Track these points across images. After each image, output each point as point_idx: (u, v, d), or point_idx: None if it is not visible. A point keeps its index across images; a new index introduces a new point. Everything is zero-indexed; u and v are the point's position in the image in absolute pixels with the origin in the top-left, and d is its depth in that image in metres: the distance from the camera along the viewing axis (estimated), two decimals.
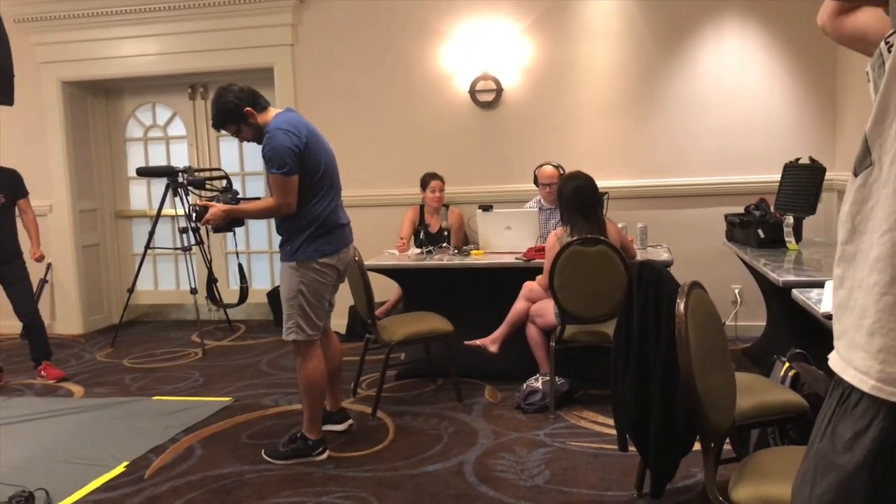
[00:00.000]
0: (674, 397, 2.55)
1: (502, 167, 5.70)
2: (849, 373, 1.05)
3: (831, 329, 2.58)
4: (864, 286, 1.04)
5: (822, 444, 1.09)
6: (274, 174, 3.22)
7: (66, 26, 6.21)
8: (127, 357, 5.52)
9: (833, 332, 1.14)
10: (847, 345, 1.07)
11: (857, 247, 1.07)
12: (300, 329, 3.36)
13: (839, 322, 1.11)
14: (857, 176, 1.08)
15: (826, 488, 1.07)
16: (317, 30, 5.92)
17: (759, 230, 4.32)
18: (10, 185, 4.87)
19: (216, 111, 3.33)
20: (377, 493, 3.08)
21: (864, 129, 1.06)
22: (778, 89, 5.32)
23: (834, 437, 1.07)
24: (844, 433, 1.05)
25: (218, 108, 3.32)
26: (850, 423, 1.05)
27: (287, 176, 3.22)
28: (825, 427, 1.10)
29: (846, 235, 1.10)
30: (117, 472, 3.39)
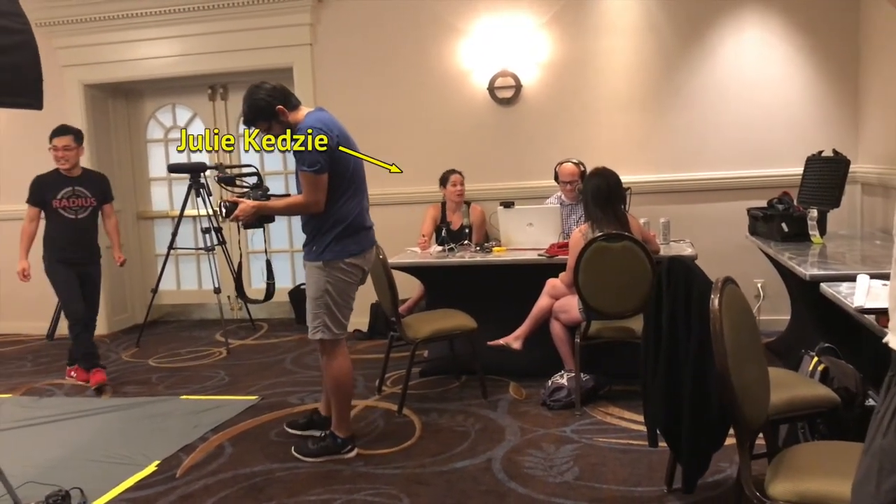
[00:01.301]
0: (706, 392, 2.55)
1: (522, 164, 5.71)
2: None
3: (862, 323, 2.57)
4: None
5: (885, 441, 1.08)
6: (305, 172, 3.24)
7: (88, 29, 6.27)
8: (152, 357, 5.57)
9: (892, 315, 1.15)
10: None
11: None
12: (327, 328, 3.39)
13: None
14: None
15: (894, 484, 1.06)
16: (335, 29, 5.95)
17: (783, 224, 4.30)
18: (100, 189, 4.91)
19: (248, 108, 3.32)
20: (407, 489, 3.10)
21: None
22: (799, 81, 5.29)
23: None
24: None
25: (249, 105, 3.31)
26: None
27: (318, 174, 3.23)
28: (888, 423, 1.08)
29: None
30: (149, 471, 3.43)
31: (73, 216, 4.80)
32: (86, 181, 4.87)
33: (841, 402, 2.61)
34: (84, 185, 4.84)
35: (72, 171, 4.81)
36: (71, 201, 4.79)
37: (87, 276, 4.88)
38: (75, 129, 4.87)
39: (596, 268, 3.78)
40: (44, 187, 4.82)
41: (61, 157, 4.74)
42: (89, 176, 4.93)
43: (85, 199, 4.83)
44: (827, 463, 2.07)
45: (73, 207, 4.79)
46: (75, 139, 4.76)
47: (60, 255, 4.79)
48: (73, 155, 4.77)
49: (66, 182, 4.80)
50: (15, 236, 6.58)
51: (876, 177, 4.90)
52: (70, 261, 4.80)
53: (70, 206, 4.79)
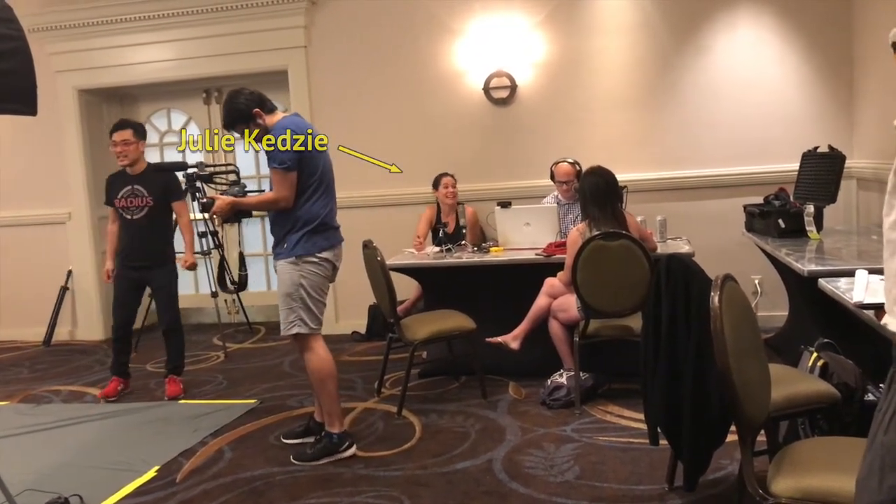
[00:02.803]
0: (706, 390, 2.55)
1: (518, 163, 5.71)
2: None
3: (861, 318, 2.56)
4: None
5: (888, 437, 1.08)
6: (275, 168, 3.37)
7: (81, 35, 6.25)
8: (150, 362, 5.56)
9: (889, 299, 1.14)
10: None
11: None
12: (303, 323, 3.42)
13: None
14: None
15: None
16: (329, 31, 5.94)
17: (780, 220, 4.30)
18: (160, 188, 4.61)
19: (227, 112, 3.49)
20: (409, 491, 3.10)
21: None
22: (794, 77, 5.30)
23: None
24: None
25: (228, 110, 3.48)
26: None
27: (287, 171, 3.36)
28: (889, 419, 1.08)
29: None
30: (149, 477, 3.42)
31: (130, 217, 4.60)
32: (145, 179, 4.61)
33: (840, 398, 2.61)
34: (143, 184, 4.59)
35: (134, 168, 4.60)
36: (129, 201, 4.59)
37: (150, 281, 4.67)
38: (135, 122, 4.72)
39: (594, 266, 3.78)
40: (110, 186, 4.70)
41: (120, 153, 4.54)
42: (152, 174, 4.66)
43: (141, 198, 4.58)
44: (828, 459, 2.07)
45: (130, 208, 4.59)
46: (135, 133, 4.56)
47: (122, 258, 4.67)
48: (133, 150, 4.53)
49: (127, 180, 4.62)
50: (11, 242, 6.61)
51: (871, 172, 4.91)
52: (129, 265, 4.63)
53: (128, 206, 4.59)
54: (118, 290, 4.70)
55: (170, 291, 4.70)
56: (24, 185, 6.53)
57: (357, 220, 5.67)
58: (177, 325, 4.75)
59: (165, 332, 4.75)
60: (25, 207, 6.54)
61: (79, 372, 5.52)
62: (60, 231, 6.54)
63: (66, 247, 6.51)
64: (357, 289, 5.52)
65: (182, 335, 4.81)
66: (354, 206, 5.77)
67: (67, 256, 6.50)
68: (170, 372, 4.76)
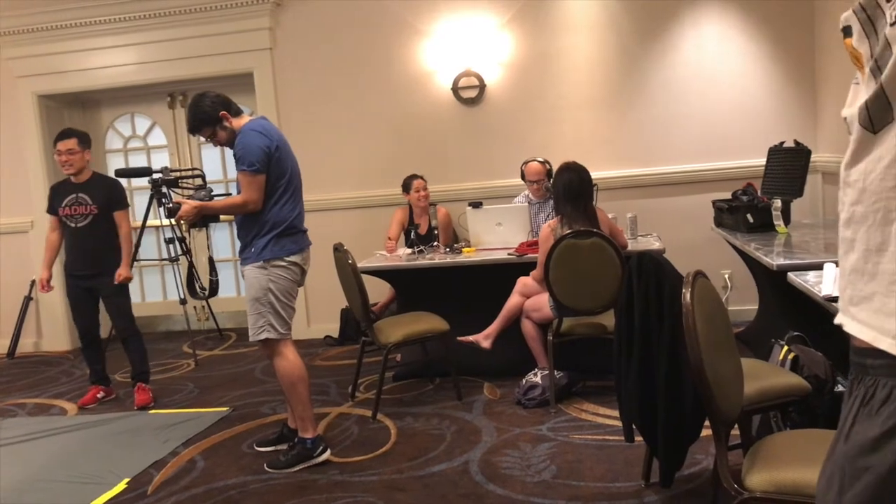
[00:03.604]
0: (680, 386, 2.56)
1: (488, 163, 5.70)
2: (884, 342, 1.00)
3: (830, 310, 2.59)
4: (893, 250, 0.99)
5: (846, 447, 1.05)
6: (243, 171, 3.32)
7: (40, 39, 6.12)
8: (118, 371, 5.44)
9: (844, 298, 1.09)
10: (875, 311, 1.02)
11: (869, 207, 1.03)
12: (272, 328, 3.39)
13: (854, 287, 1.06)
14: (877, 133, 1.01)
15: (858, 493, 1.02)
16: (295, 33, 5.88)
17: (748, 215, 4.34)
18: (104, 196, 4.56)
19: (192, 116, 3.44)
20: (386, 496, 3.07)
21: (880, 82, 0.99)
22: (759, 74, 5.36)
23: (861, 438, 1.03)
24: (871, 432, 1.01)
25: (194, 113, 3.43)
26: (878, 423, 1.00)
27: (255, 174, 3.31)
28: (849, 428, 1.05)
29: (857, 195, 1.05)
30: (119, 489, 3.35)
31: (74, 225, 4.54)
32: (90, 187, 4.55)
33: (812, 390, 2.63)
34: (87, 192, 4.53)
35: (79, 177, 4.55)
36: (73, 209, 4.53)
37: (97, 290, 4.60)
38: (80, 131, 4.65)
39: (566, 264, 3.79)
40: (54, 195, 4.64)
41: (65, 162, 4.48)
42: (96, 182, 4.60)
43: (86, 206, 4.52)
44: (801, 452, 2.08)
45: (74, 216, 4.53)
46: (79, 142, 4.50)
47: (67, 267, 4.62)
48: (78, 159, 4.48)
49: (71, 189, 4.56)
50: None
51: (836, 165, 4.97)
52: (75, 273, 4.57)
53: (72, 214, 4.53)
54: (71, 299, 4.67)
55: (118, 299, 4.63)
56: None
57: (327, 222, 5.64)
58: (132, 331, 4.68)
59: (123, 341, 4.71)
60: None
61: (44, 384, 5.40)
62: (23, 240, 6.40)
63: (28, 256, 6.36)
64: (328, 292, 5.48)
65: (141, 341, 4.74)
66: (324, 208, 5.73)
67: (31, 266, 6.36)
68: (136, 380, 4.69)
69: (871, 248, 1.03)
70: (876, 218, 1.02)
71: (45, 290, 4.71)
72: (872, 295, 1.03)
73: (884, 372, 1.02)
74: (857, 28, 1.04)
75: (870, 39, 1.02)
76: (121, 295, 4.64)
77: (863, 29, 1.03)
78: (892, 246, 1.00)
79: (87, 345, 4.71)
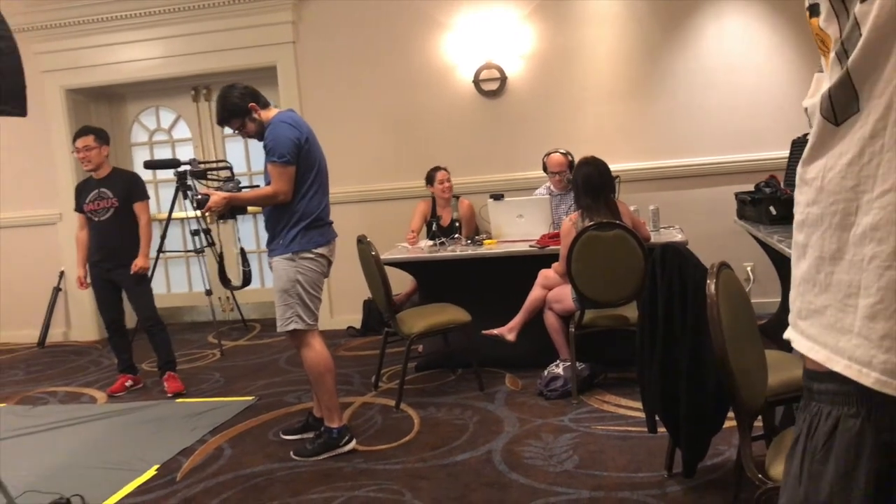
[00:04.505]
0: (703, 377, 2.58)
1: (510, 155, 5.72)
2: (839, 363, 0.88)
3: None
4: (850, 259, 0.87)
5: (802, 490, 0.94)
6: (274, 163, 3.35)
7: (68, 34, 6.22)
8: (145, 361, 5.54)
9: (793, 310, 0.97)
10: (826, 327, 0.90)
11: (826, 209, 0.90)
12: (300, 319, 3.42)
13: (804, 298, 0.94)
14: (840, 125, 0.89)
15: None
16: (317, 26, 5.92)
17: (771, 207, 4.33)
18: (124, 189, 4.66)
19: (221, 108, 3.47)
20: (409, 484, 3.12)
21: (846, 67, 0.87)
22: (782, 64, 5.33)
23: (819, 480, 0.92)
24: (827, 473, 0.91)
25: (223, 104, 3.46)
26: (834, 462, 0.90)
27: (286, 165, 3.34)
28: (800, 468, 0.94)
29: (813, 195, 0.92)
30: (149, 476, 3.42)
31: (97, 219, 4.65)
32: (111, 181, 4.66)
33: None
34: (108, 186, 4.64)
35: (99, 173, 4.65)
36: (96, 204, 4.63)
37: (120, 281, 4.68)
38: (97, 128, 4.75)
39: (588, 257, 3.80)
40: (78, 193, 4.75)
41: (83, 158, 4.59)
42: (116, 176, 4.71)
43: (107, 200, 4.63)
44: None
45: (97, 210, 4.64)
46: (97, 139, 4.60)
47: (91, 260, 4.71)
48: (96, 155, 4.58)
49: (94, 185, 4.67)
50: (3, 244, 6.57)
51: None
52: (99, 265, 4.67)
53: (96, 209, 4.64)
54: (96, 290, 4.77)
55: (140, 289, 4.72)
56: (15, 187, 6.50)
57: (351, 214, 5.69)
58: (155, 321, 4.76)
59: (147, 331, 4.79)
60: (16, 209, 6.52)
61: (74, 373, 5.51)
62: (52, 232, 6.52)
63: (57, 248, 6.48)
64: (352, 284, 5.53)
65: (164, 330, 4.82)
66: (348, 201, 5.78)
67: (59, 257, 6.48)
68: (163, 369, 4.78)
69: (825, 256, 0.91)
70: (832, 221, 0.89)
71: (83, 287, 4.80)
72: (824, 308, 0.91)
73: (827, 399, 0.91)
74: (825, 6, 0.90)
75: (839, 19, 0.89)
76: (142, 286, 4.72)
77: (832, 7, 0.89)
78: (849, 255, 0.88)
79: (114, 334, 4.82)
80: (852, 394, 0.88)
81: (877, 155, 0.85)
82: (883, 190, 0.84)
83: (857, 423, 0.88)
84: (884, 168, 0.84)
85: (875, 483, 0.88)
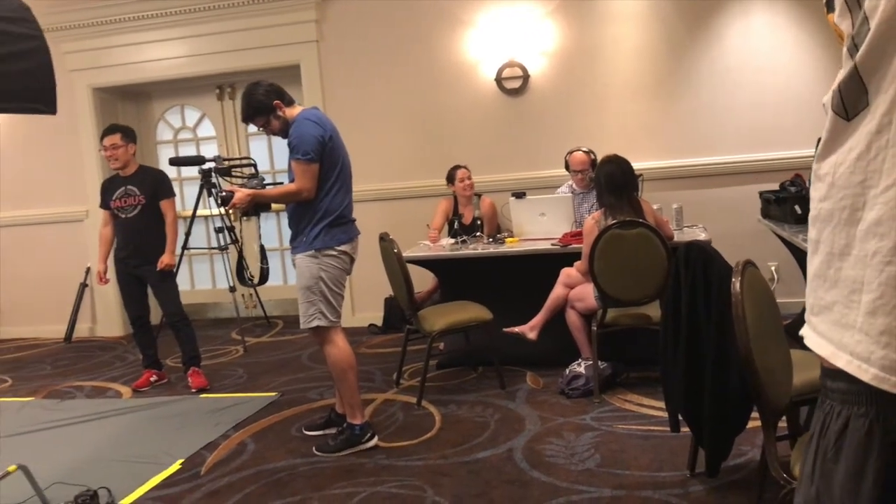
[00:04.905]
0: (727, 376, 2.56)
1: (532, 154, 5.71)
2: (841, 358, 0.89)
3: None
4: (856, 254, 0.87)
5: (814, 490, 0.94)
6: (298, 160, 3.37)
7: (95, 33, 6.30)
8: (169, 357, 5.59)
9: (807, 307, 0.97)
10: (834, 323, 0.91)
11: (836, 204, 0.91)
12: (323, 315, 3.44)
13: (816, 294, 0.94)
14: (851, 120, 0.89)
15: None
16: (341, 25, 5.95)
17: (796, 206, 4.29)
18: (151, 187, 4.71)
19: (246, 105, 3.48)
20: (431, 480, 3.13)
21: (855, 61, 0.87)
22: (810, 62, 5.27)
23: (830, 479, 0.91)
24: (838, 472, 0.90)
25: (248, 101, 3.47)
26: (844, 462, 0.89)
27: (310, 163, 3.36)
28: (812, 467, 0.94)
29: (825, 191, 0.92)
30: (174, 470, 3.46)
31: (124, 216, 4.70)
32: (137, 179, 4.71)
33: None
34: (135, 184, 4.69)
35: (126, 170, 4.70)
36: (123, 201, 4.68)
37: (146, 278, 4.74)
38: (124, 126, 4.80)
39: (611, 255, 3.79)
40: (105, 190, 4.81)
41: (110, 156, 4.65)
42: (143, 173, 4.77)
43: (134, 197, 4.68)
44: None
45: (124, 207, 4.69)
46: (123, 137, 4.65)
47: (117, 257, 4.77)
48: (122, 153, 4.63)
49: (121, 182, 4.73)
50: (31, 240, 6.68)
51: None
52: (125, 261, 4.73)
53: (123, 205, 4.69)
54: (122, 286, 4.84)
55: (165, 285, 4.76)
56: (43, 184, 6.61)
57: (373, 213, 5.71)
58: (180, 317, 4.81)
59: (172, 327, 4.83)
60: (44, 206, 6.62)
61: (100, 368, 5.58)
62: (78, 229, 6.61)
63: (84, 244, 6.57)
64: (373, 281, 5.56)
65: (190, 326, 4.86)
66: (370, 199, 5.80)
67: (86, 254, 6.56)
68: (188, 365, 4.83)
69: (835, 252, 0.91)
70: (841, 217, 0.90)
71: (103, 282, 4.88)
72: (832, 304, 0.91)
73: (839, 398, 0.91)
74: (839, 1, 0.91)
75: (852, 14, 0.89)
76: (167, 282, 4.77)
77: (845, 2, 0.90)
78: (856, 249, 0.87)
79: (138, 330, 4.88)
80: (862, 393, 0.87)
81: (882, 150, 0.84)
82: (886, 185, 0.84)
83: (865, 423, 0.88)
84: (889, 163, 0.83)
85: (883, 484, 0.87)
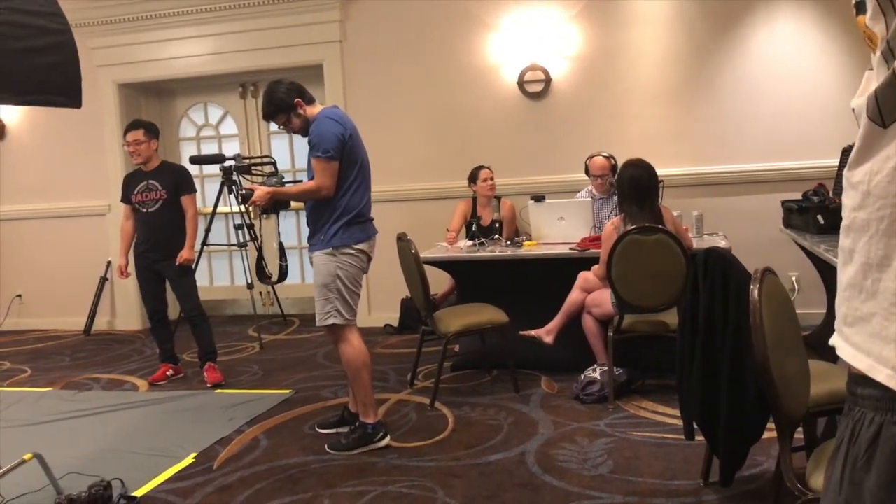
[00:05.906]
0: (744, 385, 2.53)
1: (552, 158, 5.69)
2: (881, 372, 0.86)
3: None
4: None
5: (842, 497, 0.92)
6: (318, 157, 3.38)
7: (121, 30, 6.37)
8: (186, 352, 5.64)
9: (839, 316, 0.94)
10: (872, 335, 0.88)
11: (872, 214, 0.88)
12: (339, 313, 3.45)
13: (850, 304, 0.92)
14: (888, 127, 0.86)
15: None
16: (364, 26, 5.97)
17: (819, 216, 4.24)
18: (172, 182, 4.75)
19: (267, 103, 3.51)
20: (442, 482, 3.12)
21: (893, 67, 0.84)
22: (834, 71, 5.21)
23: (860, 488, 0.89)
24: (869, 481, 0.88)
25: (269, 99, 3.50)
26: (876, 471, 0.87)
27: (329, 161, 3.37)
28: (841, 475, 0.92)
29: (860, 199, 0.89)
30: (187, 463, 3.48)
31: (146, 210, 4.74)
32: (160, 174, 4.75)
33: None
34: (157, 179, 4.73)
35: (148, 166, 4.74)
36: (145, 195, 4.73)
37: (166, 273, 4.78)
38: (147, 122, 4.85)
39: (629, 261, 3.76)
40: (126, 184, 4.85)
41: (133, 152, 4.70)
42: (165, 169, 4.81)
43: (156, 192, 4.72)
44: None
45: (146, 202, 4.74)
46: (146, 132, 4.69)
47: (137, 251, 4.81)
48: (145, 148, 4.67)
49: (143, 177, 4.77)
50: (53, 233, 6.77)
51: None
52: (145, 256, 4.77)
53: (144, 200, 4.74)
54: (141, 281, 4.86)
55: (184, 281, 4.80)
56: (66, 178, 6.69)
57: (391, 213, 5.72)
58: (198, 312, 4.84)
59: (190, 322, 4.86)
60: (66, 199, 6.70)
61: (118, 360, 5.64)
62: (100, 223, 6.68)
63: (105, 238, 6.64)
64: (390, 282, 5.57)
65: (207, 322, 4.89)
66: (389, 199, 5.81)
67: (107, 248, 6.63)
68: (204, 360, 4.85)
69: (872, 263, 0.88)
70: (879, 227, 0.87)
71: (124, 276, 4.92)
72: (870, 316, 0.88)
73: (871, 405, 0.88)
74: (871, 3, 0.87)
75: (886, 17, 0.85)
76: (186, 277, 4.80)
77: (878, 4, 0.86)
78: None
79: (156, 324, 4.91)
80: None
81: None
82: None
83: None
84: None
85: None
